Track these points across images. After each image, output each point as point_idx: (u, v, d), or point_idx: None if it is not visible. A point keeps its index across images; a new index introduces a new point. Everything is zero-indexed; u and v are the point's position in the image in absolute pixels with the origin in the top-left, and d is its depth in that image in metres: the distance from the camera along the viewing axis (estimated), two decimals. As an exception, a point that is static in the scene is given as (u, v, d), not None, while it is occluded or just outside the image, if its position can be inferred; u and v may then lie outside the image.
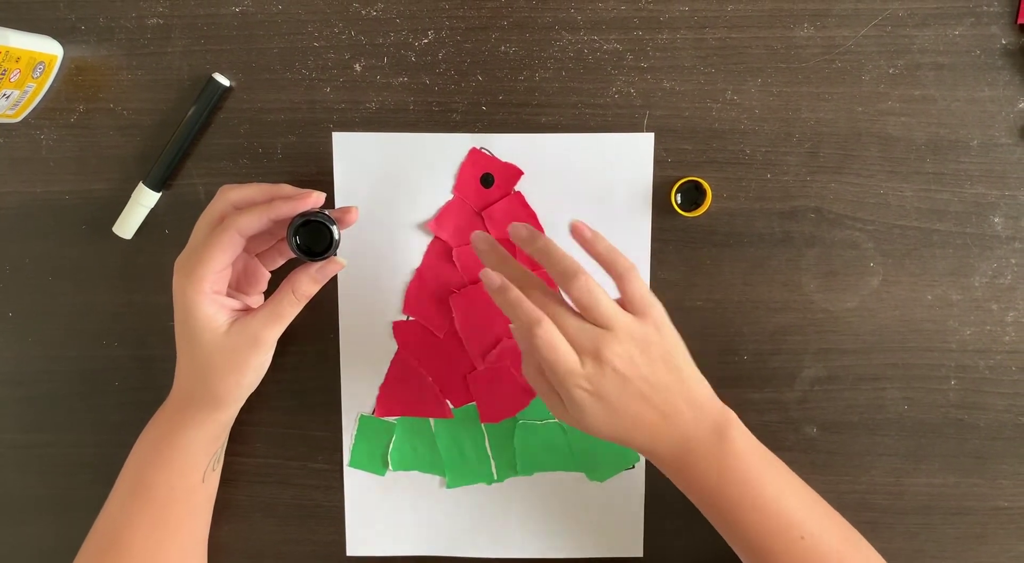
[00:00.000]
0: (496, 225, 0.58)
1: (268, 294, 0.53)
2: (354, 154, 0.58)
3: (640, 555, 0.60)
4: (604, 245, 0.50)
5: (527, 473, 0.60)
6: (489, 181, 0.58)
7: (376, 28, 0.57)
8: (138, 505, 0.54)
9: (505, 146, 0.57)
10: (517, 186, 0.58)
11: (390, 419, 0.60)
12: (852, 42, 0.56)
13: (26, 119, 0.58)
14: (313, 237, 0.50)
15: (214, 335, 0.51)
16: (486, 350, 0.59)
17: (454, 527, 0.61)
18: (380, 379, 0.60)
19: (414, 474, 0.60)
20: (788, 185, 0.57)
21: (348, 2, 0.56)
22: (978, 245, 0.57)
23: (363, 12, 0.56)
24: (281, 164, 0.58)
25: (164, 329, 0.54)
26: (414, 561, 0.61)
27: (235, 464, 0.60)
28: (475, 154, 0.57)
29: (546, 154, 0.57)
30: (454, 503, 0.61)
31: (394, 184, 0.58)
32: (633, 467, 0.60)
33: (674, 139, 0.57)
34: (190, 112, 0.57)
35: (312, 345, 0.60)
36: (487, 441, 0.60)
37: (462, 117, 0.57)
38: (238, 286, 0.55)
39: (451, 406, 0.60)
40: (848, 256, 0.57)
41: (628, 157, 0.57)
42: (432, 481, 0.61)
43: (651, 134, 0.57)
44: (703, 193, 0.57)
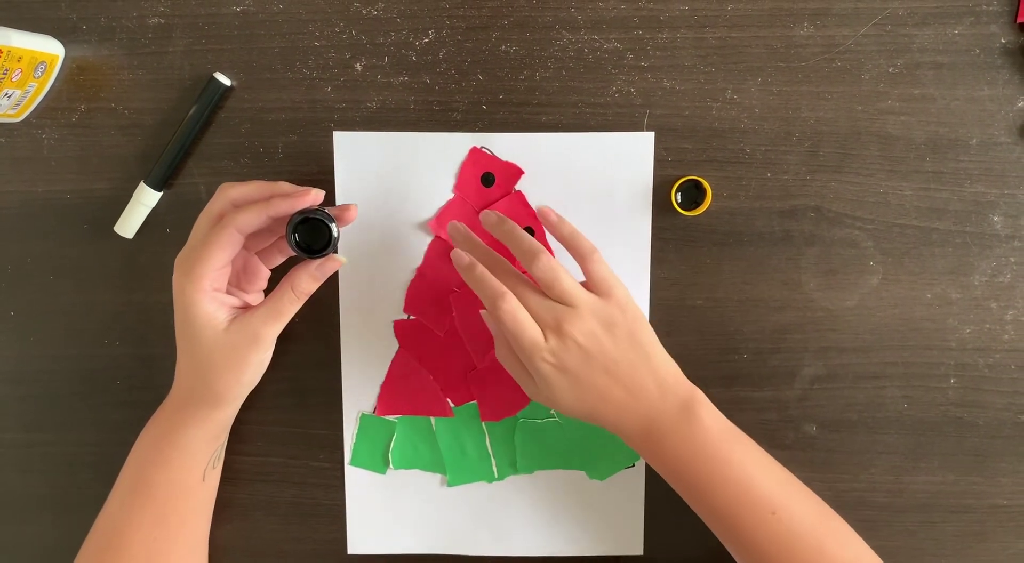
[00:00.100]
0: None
1: (268, 292, 0.53)
2: (355, 153, 0.58)
3: (640, 553, 0.60)
4: (568, 229, 0.52)
5: (528, 471, 0.60)
6: (490, 180, 0.58)
7: (377, 27, 0.57)
8: (139, 503, 0.54)
9: (506, 145, 0.57)
10: (518, 185, 0.58)
11: (391, 418, 0.60)
12: (852, 41, 0.56)
13: (28, 119, 0.58)
14: (312, 234, 0.50)
15: (214, 332, 0.51)
16: (487, 349, 0.59)
17: (455, 525, 0.61)
18: (381, 378, 0.60)
19: (415, 472, 0.61)
20: (788, 184, 0.57)
21: (349, 1, 0.56)
22: (977, 244, 0.57)
23: (364, 11, 0.56)
24: (282, 163, 0.58)
25: (165, 328, 0.54)
26: (415, 559, 0.61)
27: (236, 463, 0.61)
28: (476, 153, 0.57)
29: (546, 153, 0.57)
30: (455, 501, 0.61)
31: (395, 183, 0.58)
32: (633, 465, 0.60)
33: (674, 138, 0.57)
34: (191, 111, 0.57)
35: (313, 344, 0.60)
36: (488, 439, 0.60)
37: (463, 116, 0.57)
38: (238, 284, 0.55)
39: (452, 405, 0.60)
40: (848, 255, 0.57)
41: (628, 156, 0.57)
42: (433, 479, 0.61)
43: (651, 133, 0.57)
44: (703, 192, 0.57)
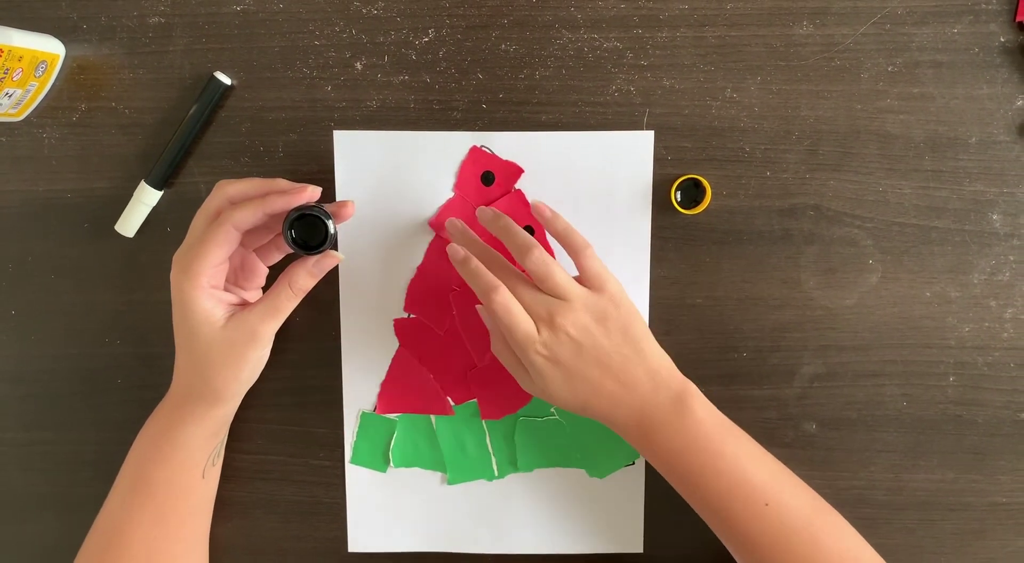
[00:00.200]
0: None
1: (267, 289, 0.54)
2: (355, 152, 0.58)
3: (640, 551, 0.60)
4: (562, 224, 0.53)
5: (528, 469, 0.60)
6: (490, 179, 0.58)
7: (377, 26, 0.57)
8: (138, 502, 0.54)
9: (505, 144, 0.57)
10: (518, 184, 0.58)
11: (391, 416, 0.60)
12: (851, 40, 0.56)
13: (28, 118, 0.58)
14: (309, 231, 0.51)
15: (211, 329, 0.51)
16: (487, 347, 0.59)
17: (455, 523, 0.61)
18: (381, 376, 0.60)
19: (415, 471, 0.61)
20: (787, 183, 0.57)
21: (349, 1, 0.56)
22: (976, 242, 0.57)
23: (364, 11, 0.57)
24: (282, 162, 0.58)
25: (166, 327, 0.54)
26: (415, 557, 0.61)
27: (237, 461, 0.61)
28: (476, 152, 0.58)
29: (546, 152, 0.57)
30: (455, 499, 0.61)
31: (395, 182, 0.58)
32: (633, 463, 0.60)
33: (674, 137, 0.57)
34: (191, 110, 0.57)
35: (314, 342, 0.60)
36: (488, 438, 0.60)
37: (463, 115, 0.57)
38: (236, 281, 0.55)
39: (452, 403, 0.60)
40: (847, 253, 0.58)
41: (628, 155, 0.57)
42: (433, 477, 0.61)
43: (651, 132, 0.57)
44: (703, 191, 0.57)
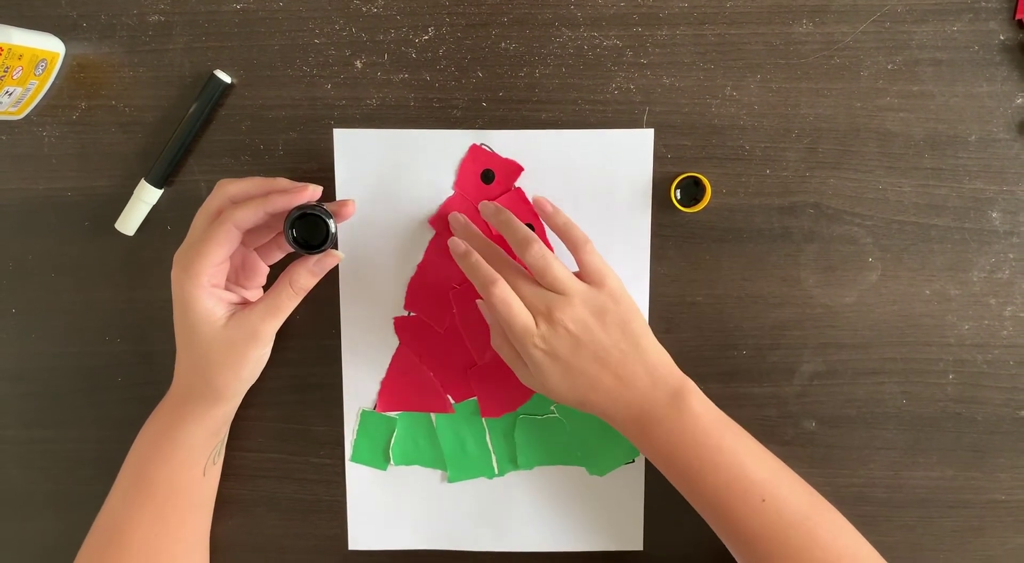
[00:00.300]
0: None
1: (267, 289, 0.54)
2: (355, 150, 0.58)
3: (640, 548, 0.61)
4: (563, 219, 0.53)
5: (528, 467, 0.60)
6: (490, 177, 0.58)
7: (377, 25, 0.57)
8: (139, 500, 0.54)
9: (505, 142, 0.57)
10: (517, 182, 0.58)
11: (392, 414, 0.60)
12: (851, 38, 0.56)
13: (28, 116, 0.58)
14: (310, 230, 0.51)
15: (212, 328, 0.51)
16: (487, 345, 0.59)
17: (455, 521, 0.61)
18: (382, 374, 0.60)
19: (415, 468, 0.61)
20: (787, 181, 0.57)
21: (349, -1, 0.57)
22: (976, 240, 0.57)
23: (364, 9, 0.57)
24: (282, 160, 0.58)
25: (166, 325, 0.55)
26: (415, 555, 0.62)
27: (237, 459, 0.61)
28: (476, 150, 0.58)
29: (546, 150, 0.57)
30: (455, 497, 0.61)
31: (395, 180, 0.58)
32: (633, 461, 0.60)
33: (674, 135, 0.57)
34: (192, 109, 0.57)
35: (314, 340, 0.60)
36: (488, 436, 0.60)
37: (463, 113, 0.57)
38: (237, 280, 0.55)
39: (452, 401, 0.60)
40: (847, 251, 0.58)
41: (628, 153, 0.57)
42: (433, 475, 0.61)
43: (651, 130, 0.57)
44: (702, 189, 0.57)
